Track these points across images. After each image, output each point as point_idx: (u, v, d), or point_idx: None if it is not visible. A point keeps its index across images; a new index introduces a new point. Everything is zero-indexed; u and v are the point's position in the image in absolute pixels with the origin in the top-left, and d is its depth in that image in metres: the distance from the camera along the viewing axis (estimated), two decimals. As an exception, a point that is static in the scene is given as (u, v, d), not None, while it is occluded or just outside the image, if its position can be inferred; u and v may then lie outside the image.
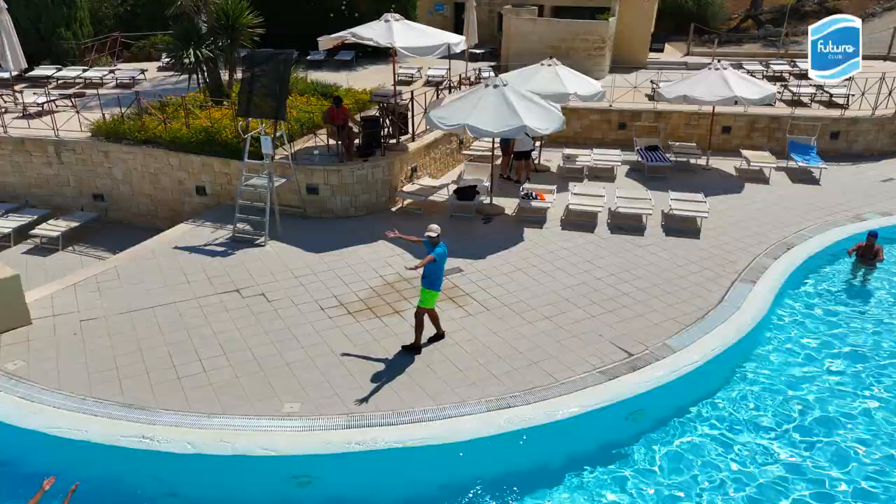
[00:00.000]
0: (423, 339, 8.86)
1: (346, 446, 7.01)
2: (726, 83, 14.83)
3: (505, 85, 12.29)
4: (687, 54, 26.44)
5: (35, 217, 14.11)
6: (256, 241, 11.92)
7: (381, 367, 8.48)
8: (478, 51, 25.28)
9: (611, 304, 10.03)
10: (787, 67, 23.01)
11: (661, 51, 26.16)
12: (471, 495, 6.92)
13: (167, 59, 23.05)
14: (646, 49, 25.05)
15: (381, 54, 24.55)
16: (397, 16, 13.51)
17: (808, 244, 12.08)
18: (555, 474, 7.23)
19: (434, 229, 8.42)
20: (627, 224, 12.90)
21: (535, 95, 12.68)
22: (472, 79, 20.61)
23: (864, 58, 25.92)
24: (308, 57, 24.59)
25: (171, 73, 21.51)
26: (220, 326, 9.32)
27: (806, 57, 26.01)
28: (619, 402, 7.81)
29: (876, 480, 7.26)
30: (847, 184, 15.61)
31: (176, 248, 11.78)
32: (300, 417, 7.45)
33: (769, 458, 7.55)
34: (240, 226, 12.18)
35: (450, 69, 20.29)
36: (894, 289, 11.27)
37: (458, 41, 13.84)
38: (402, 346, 8.84)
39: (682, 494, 7.02)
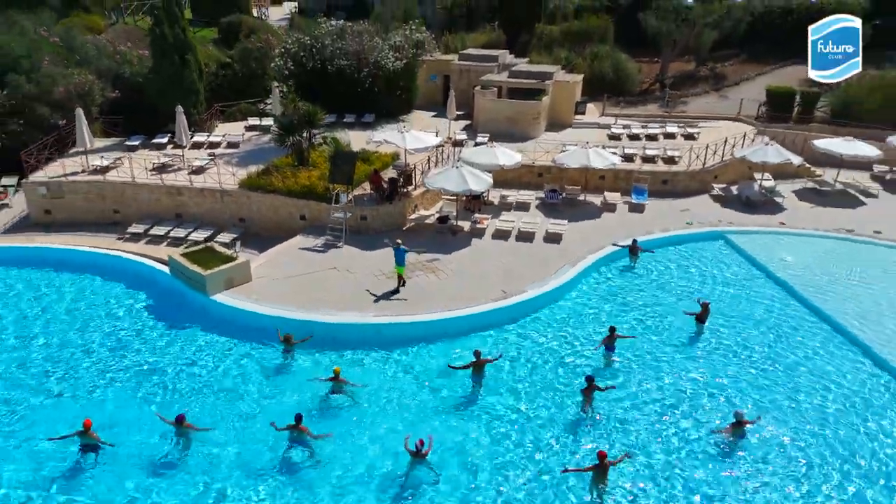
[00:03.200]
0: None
1: (389, 321, 19.15)
2: (588, 156, 26.96)
3: (462, 166, 24.39)
4: (602, 115, 38.48)
5: (212, 231, 26.09)
6: (338, 245, 23.97)
7: (400, 298, 20.55)
8: (459, 112, 37.22)
9: (505, 274, 22.07)
10: (658, 130, 34.98)
11: (584, 113, 38.02)
12: (435, 339, 19.00)
13: (252, 123, 35.19)
14: (571, 113, 37.08)
15: (393, 118, 36.56)
16: (407, 126, 25.67)
17: (609, 247, 24.14)
18: (472, 332, 19.31)
19: (397, 241, 20.53)
20: (525, 236, 24.95)
21: (477, 170, 24.72)
22: (454, 138, 32.45)
23: (724, 119, 37.96)
24: (343, 119, 36.62)
25: (257, 132, 33.75)
26: (332, 282, 21.42)
27: (684, 119, 38.04)
28: (498, 308, 19.95)
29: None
30: (659, 213, 27.64)
31: (299, 248, 23.85)
32: (372, 313, 19.56)
33: (563, 330, 19.71)
34: (329, 237, 24.23)
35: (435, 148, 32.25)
36: (644, 269, 23.43)
37: (438, 142, 26.11)
38: (399, 287, 20.87)
39: (526, 347, 19.17)
